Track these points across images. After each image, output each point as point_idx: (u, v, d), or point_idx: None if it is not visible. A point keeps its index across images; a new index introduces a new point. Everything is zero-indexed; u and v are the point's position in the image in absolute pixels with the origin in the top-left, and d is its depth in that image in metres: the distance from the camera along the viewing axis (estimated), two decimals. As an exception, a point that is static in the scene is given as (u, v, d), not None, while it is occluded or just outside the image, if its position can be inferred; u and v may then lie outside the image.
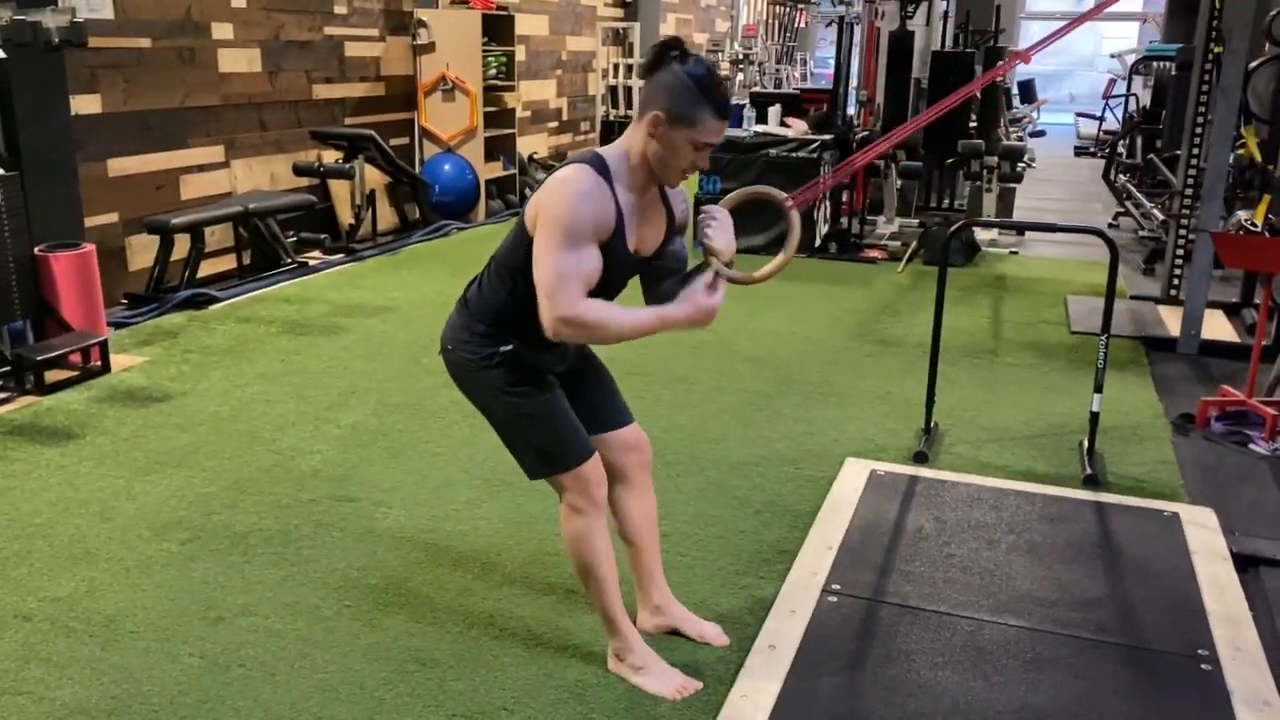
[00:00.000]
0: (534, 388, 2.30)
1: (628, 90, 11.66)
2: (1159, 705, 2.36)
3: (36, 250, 4.51)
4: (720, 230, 2.33)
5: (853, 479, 3.55)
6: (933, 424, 3.97)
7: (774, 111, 7.83)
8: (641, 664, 2.44)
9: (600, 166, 2.16)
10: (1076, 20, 5.94)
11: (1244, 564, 3.05)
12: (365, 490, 3.42)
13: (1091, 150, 14.24)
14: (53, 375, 4.39)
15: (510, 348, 2.27)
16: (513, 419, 2.35)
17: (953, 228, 3.79)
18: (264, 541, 3.07)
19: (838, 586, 2.83)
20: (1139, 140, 9.70)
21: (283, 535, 3.11)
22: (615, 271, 2.25)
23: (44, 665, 2.45)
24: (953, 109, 8.32)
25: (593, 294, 2.20)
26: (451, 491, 3.43)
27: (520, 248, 2.20)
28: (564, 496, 2.38)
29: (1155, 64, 10.22)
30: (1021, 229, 6.86)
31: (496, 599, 2.78)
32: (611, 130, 11.68)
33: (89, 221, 5.42)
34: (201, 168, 6.27)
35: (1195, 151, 5.74)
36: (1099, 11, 6.70)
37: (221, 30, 6.29)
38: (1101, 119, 14.17)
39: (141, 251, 5.82)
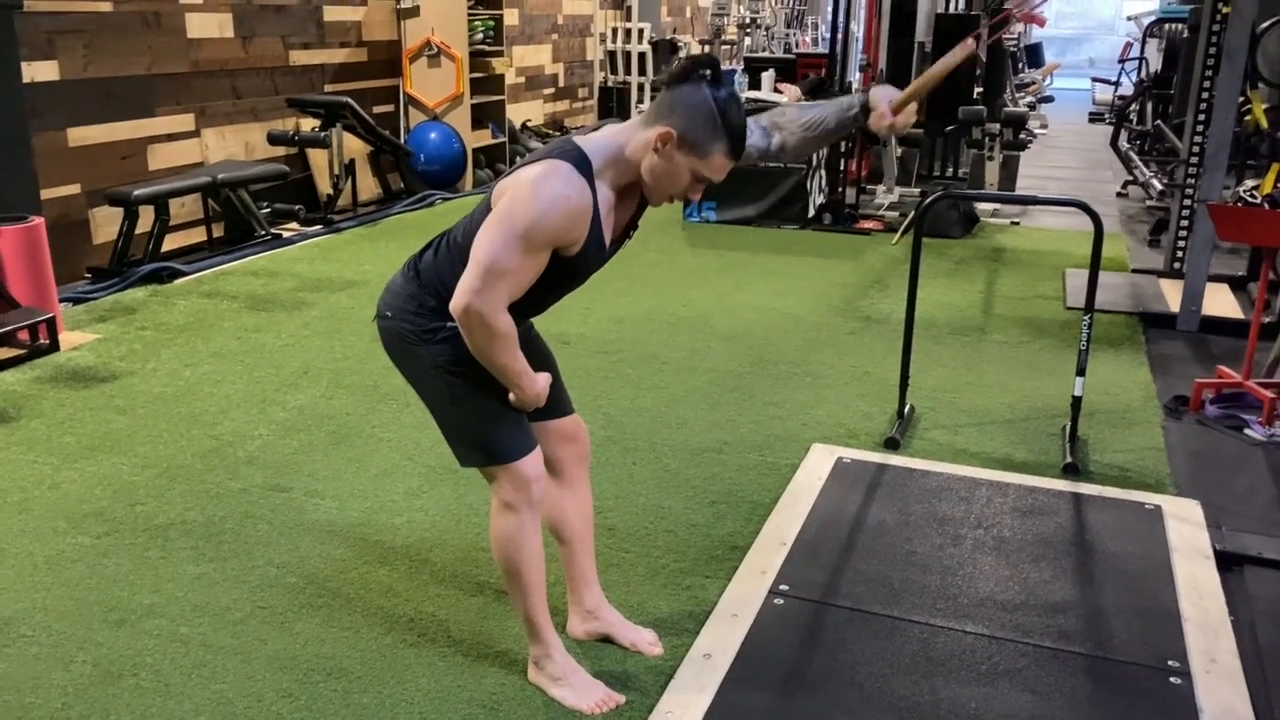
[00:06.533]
0: (477, 369, 2.10)
1: (626, 55, 11.38)
2: (1121, 724, 2.18)
3: (-20, 224, 4.35)
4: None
5: (817, 467, 3.35)
6: (908, 407, 3.76)
7: (767, 77, 7.57)
8: (561, 674, 2.26)
9: (581, 164, 1.96)
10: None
11: (1228, 563, 2.85)
12: (300, 479, 3.25)
13: (1105, 116, 13.87)
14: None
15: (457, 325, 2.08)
16: (449, 401, 2.15)
17: (927, 200, 3.56)
18: (185, 535, 2.91)
19: (785, 587, 2.65)
20: (1149, 106, 9.38)
21: (206, 528, 2.95)
22: (587, 267, 2.09)
23: (-73, 672, 2.30)
24: (956, 74, 8.08)
25: (561, 287, 2.10)
26: (390, 481, 3.25)
27: None
28: (496, 491, 2.19)
29: (1168, 26, 9.87)
30: (1000, 201, 6.59)
31: (420, 601, 2.61)
32: (609, 97, 11.42)
33: (49, 193, 5.27)
34: (170, 137, 6.08)
35: (1201, 117, 5.47)
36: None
37: (189, -6, 6.09)
38: (1117, 84, 13.79)
39: (106, 224, 5.65)
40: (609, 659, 2.39)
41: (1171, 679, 2.31)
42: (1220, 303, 5.26)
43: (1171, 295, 5.35)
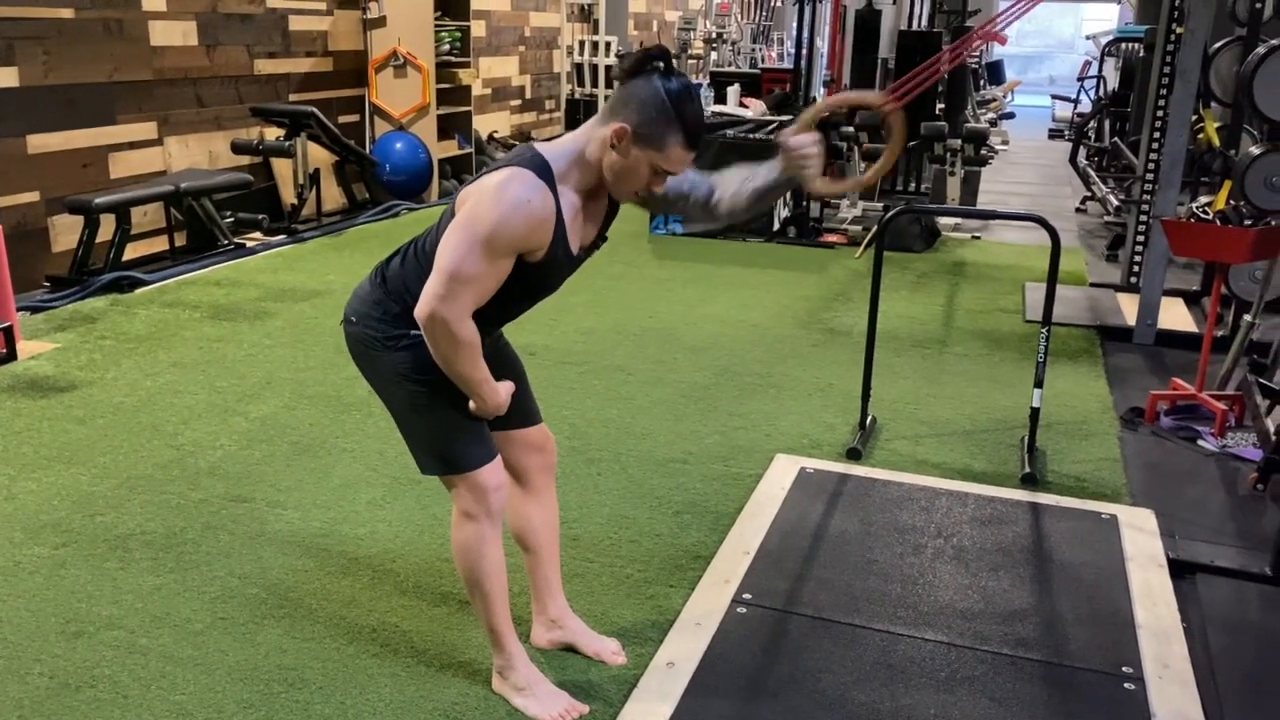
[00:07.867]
0: (440, 378, 2.10)
1: (593, 68, 11.41)
2: (1076, 729, 2.21)
3: (-63, 231, 4.29)
4: (817, 165, 2.15)
5: (780, 477, 3.38)
6: (869, 418, 3.80)
7: (733, 91, 7.62)
8: (524, 684, 2.26)
9: (542, 170, 1.97)
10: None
11: (1180, 570, 2.90)
12: (262, 490, 3.23)
13: (1064, 133, 14.10)
14: (-45, 363, 4.19)
15: (422, 333, 2.08)
16: (411, 408, 2.15)
17: (889, 214, 3.61)
18: (145, 545, 2.88)
19: (749, 596, 2.67)
20: (1107, 123, 9.55)
21: (166, 539, 2.92)
22: (558, 274, 2.09)
23: (-121, 686, 2.27)
24: (919, 91, 8.20)
25: (531, 295, 2.11)
26: (353, 491, 3.24)
27: None
28: (456, 500, 2.20)
29: (1125, 45, 10.06)
30: (960, 215, 6.69)
31: (383, 611, 2.60)
32: (577, 109, 11.45)
33: (7, 201, 5.22)
34: (132, 145, 6.02)
35: (1156, 135, 5.58)
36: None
37: (152, 1, 6.04)
38: (1076, 101, 14.01)
39: (66, 232, 5.59)
40: (573, 668, 2.39)
41: (1126, 684, 2.35)
42: (1175, 316, 5.36)
43: (1128, 309, 5.44)
